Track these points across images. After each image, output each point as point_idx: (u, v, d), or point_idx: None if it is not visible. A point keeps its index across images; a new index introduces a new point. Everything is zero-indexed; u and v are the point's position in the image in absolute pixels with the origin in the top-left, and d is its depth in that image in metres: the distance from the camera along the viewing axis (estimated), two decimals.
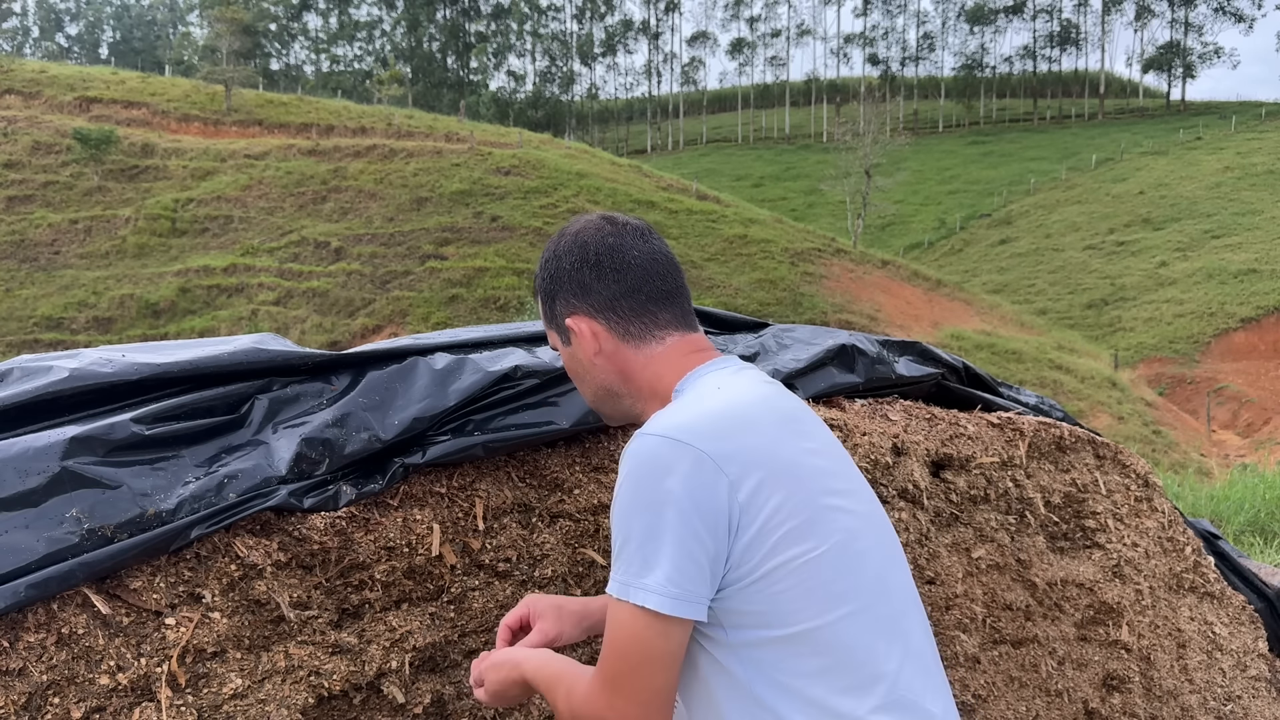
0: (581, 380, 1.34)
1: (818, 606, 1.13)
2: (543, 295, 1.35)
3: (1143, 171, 51.51)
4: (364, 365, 1.65)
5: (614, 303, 1.28)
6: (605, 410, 1.36)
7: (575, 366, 1.34)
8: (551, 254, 1.32)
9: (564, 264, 1.30)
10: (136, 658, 1.29)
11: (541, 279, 1.34)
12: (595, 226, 1.31)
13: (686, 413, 1.19)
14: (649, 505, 1.11)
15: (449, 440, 1.61)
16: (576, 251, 1.30)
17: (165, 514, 1.34)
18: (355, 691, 1.48)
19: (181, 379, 1.49)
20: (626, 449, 1.18)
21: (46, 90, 40.15)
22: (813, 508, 1.16)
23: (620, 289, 1.28)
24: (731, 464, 1.12)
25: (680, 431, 1.14)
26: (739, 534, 1.12)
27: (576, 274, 1.29)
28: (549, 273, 1.32)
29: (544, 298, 1.34)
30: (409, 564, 1.56)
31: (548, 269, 1.33)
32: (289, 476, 1.47)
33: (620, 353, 1.28)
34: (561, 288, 1.31)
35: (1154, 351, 33.12)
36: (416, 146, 36.24)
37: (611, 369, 1.29)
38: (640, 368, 1.28)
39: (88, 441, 1.33)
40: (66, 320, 29.43)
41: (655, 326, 1.28)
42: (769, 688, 1.13)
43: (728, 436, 1.15)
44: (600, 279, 1.28)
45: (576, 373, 1.34)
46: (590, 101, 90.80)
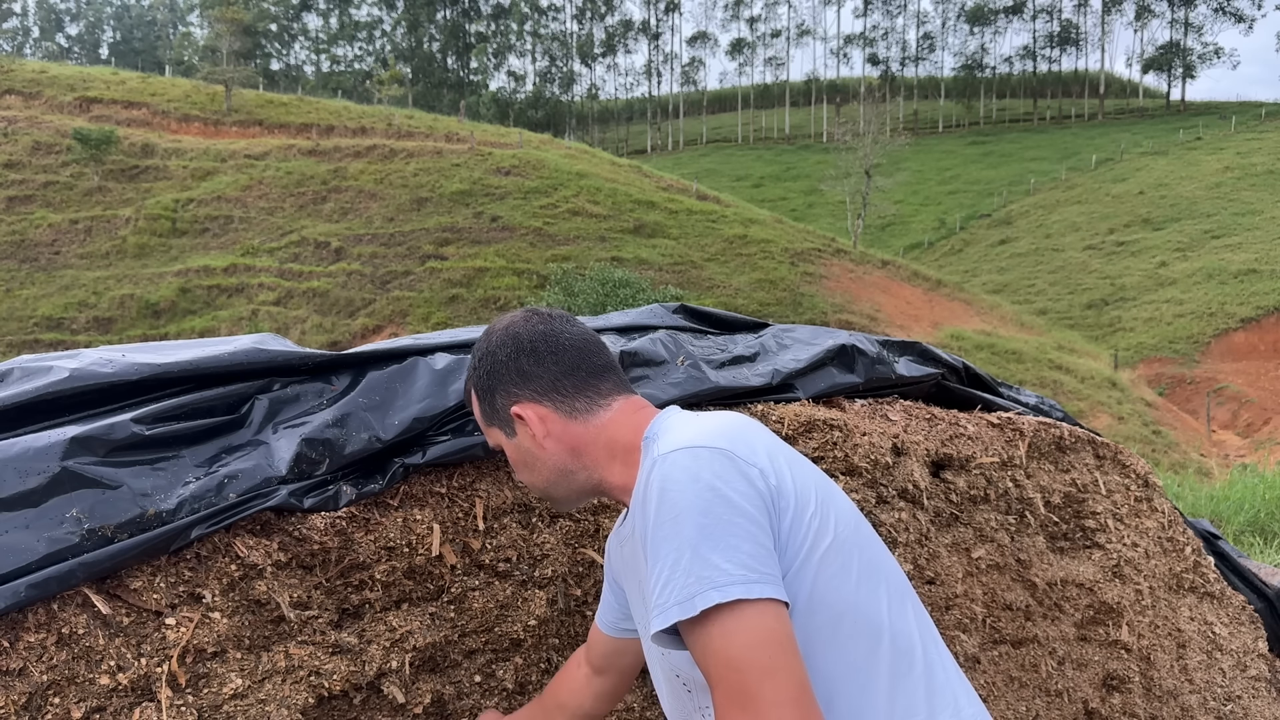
0: (531, 469, 1.32)
1: (863, 587, 1.15)
2: (479, 393, 1.33)
3: (1143, 172, 51.52)
4: (364, 365, 1.65)
5: (556, 383, 1.28)
6: (558, 494, 1.34)
7: (523, 457, 1.32)
8: (484, 351, 1.32)
9: (499, 357, 1.31)
10: (137, 658, 1.29)
11: (478, 377, 1.33)
12: (523, 318, 1.33)
13: (689, 429, 1.18)
14: (697, 508, 1.08)
15: (449, 440, 1.61)
16: (511, 343, 1.30)
17: (165, 514, 1.34)
18: (355, 691, 1.48)
19: (181, 379, 1.49)
20: (646, 480, 1.15)
21: (47, 90, 40.15)
22: (823, 495, 1.19)
23: (559, 370, 1.29)
24: (755, 456, 1.14)
25: (695, 441, 1.14)
26: (781, 517, 1.12)
27: (514, 363, 1.29)
28: (485, 369, 1.32)
29: (481, 395, 1.33)
30: (409, 564, 1.56)
31: (483, 366, 1.32)
32: (289, 476, 1.47)
33: (569, 430, 1.28)
34: (500, 381, 1.31)
35: (1154, 351, 33.12)
36: (416, 146, 36.25)
37: (562, 449, 1.29)
38: (592, 439, 1.28)
39: (88, 441, 1.34)
40: (67, 320, 29.44)
41: (599, 396, 1.29)
42: (813, 672, 1.11)
43: (739, 437, 1.16)
44: (539, 364, 1.29)
45: (525, 463, 1.32)
46: (590, 102, 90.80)
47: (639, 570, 1.23)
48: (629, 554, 1.31)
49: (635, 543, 1.22)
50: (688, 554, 1.06)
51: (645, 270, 28.28)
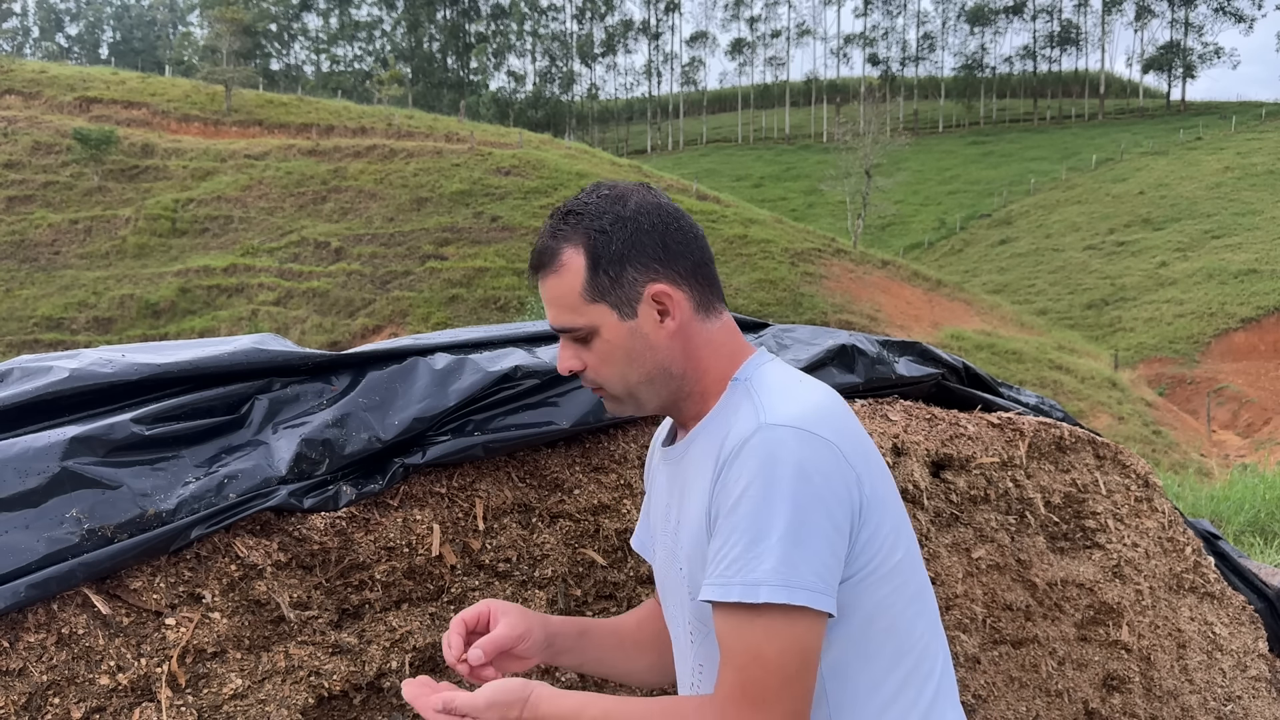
0: (635, 361, 1.17)
1: (908, 608, 1.15)
2: (603, 260, 1.14)
3: (1143, 172, 51.54)
4: (364, 365, 1.65)
5: (695, 271, 1.17)
6: (645, 396, 1.20)
7: (632, 345, 1.16)
8: (616, 216, 1.15)
9: (642, 225, 1.15)
10: (136, 658, 1.29)
11: (604, 241, 1.14)
12: (653, 191, 1.19)
13: (797, 399, 1.12)
14: (793, 500, 1.04)
15: (449, 440, 1.61)
16: (655, 213, 1.16)
17: (165, 514, 1.34)
18: (355, 691, 1.48)
19: (181, 379, 1.49)
20: (748, 440, 1.08)
21: (46, 90, 40.17)
22: (898, 507, 1.18)
23: (699, 257, 1.18)
24: (855, 459, 1.11)
25: (809, 423, 1.08)
26: (862, 528, 1.10)
27: (661, 236, 1.15)
28: (622, 235, 1.14)
29: (602, 263, 1.15)
30: (409, 564, 1.56)
31: (616, 231, 1.14)
32: (289, 477, 1.47)
33: (693, 327, 1.17)
34: (639, 252, 1.15)
35: (1154, 352, 33.13)
36: (416, 146, 36.26)
37: (678, 346, 1.17)
38: (703, 345, 1.19)
39: (88, 441, 1.33)
40: (66, 320, 29.44)
41: (718, 300, 1.20)
42: (841, 683, 1.11)
43: (843, 431, 1.12)
44: (685, 245, 1.17)
45: (631, 352, 1.16)
46: (590, 101, 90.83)
47: (685, 497, 1.19)
48: (674, 475, 1.24)
49: (691, 474, 1.17)
50: (771, 542, 1.03)
51: None
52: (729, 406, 1.17)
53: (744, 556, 1.03)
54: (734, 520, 1.06)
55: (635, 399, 1.21)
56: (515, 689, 1.10)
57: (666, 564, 1.25)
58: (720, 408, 1.18)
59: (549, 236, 1.17)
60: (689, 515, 1.17)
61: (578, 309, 1.16)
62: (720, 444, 1.12)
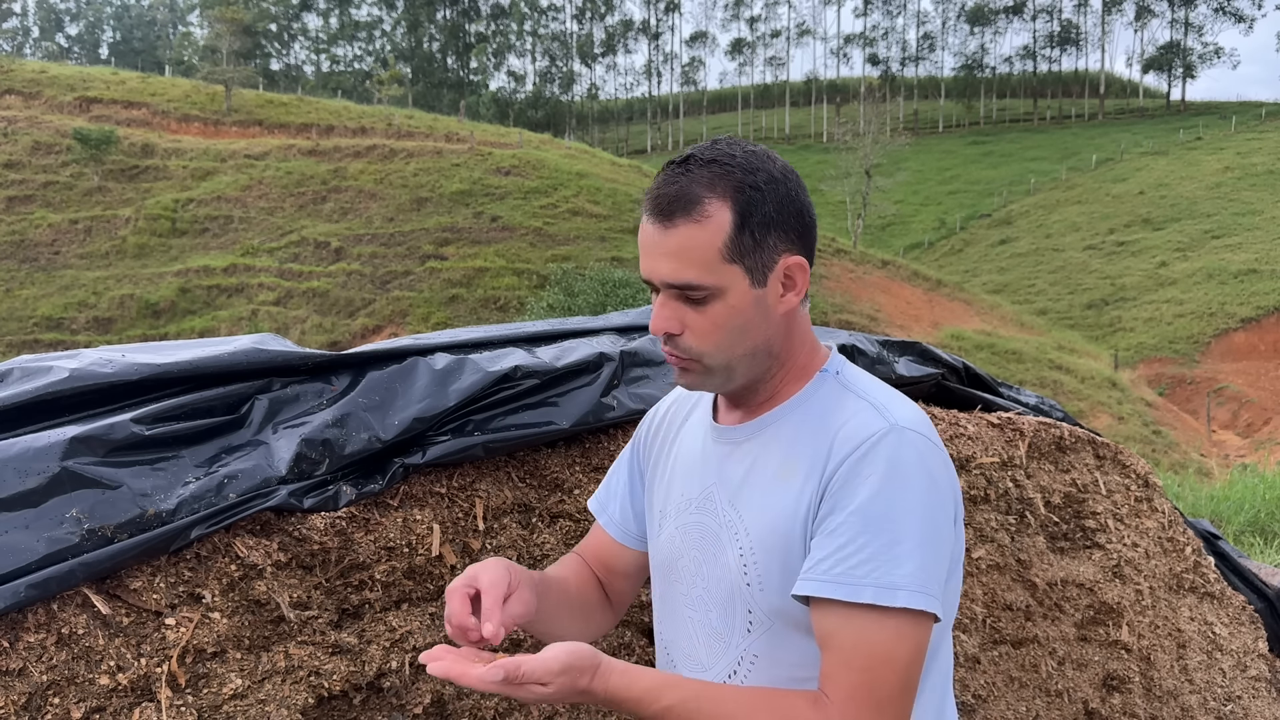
0: (745, 333, 1.10)
1: (952, 606, 1.17)
2: (756, 222, 1.08)
3: (1143, 172, 51.54)
4: (364, 365, 1.65)
5: (812, 251, 1.14)
6: (740, 371, 1.13)
7: (748, 316, 1.10)
8: (769, 175, 1.09)
9: (791, 192, 1.10)
10: (136, 658, 1.29)
11: (759, 200, 1.08)
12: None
13: (913, 409, 1.11)
14: (926, 507, 1.04)
15: (449, 440, 1.61)
16: (798, 181, 1.11)
17: (165, 514, 1.34)
18: (355, 691, 1.47)
19: (181, 379, 1.49)
20: (878, 439, 1.05)
21: (46, 90, 40.16)
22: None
23: (814, 236, 1.15)
24: (952, 467, 1.12)
25: (928, 430, 1.09)
26: (958, 536, 1.12)
27: (802, 207, 1.11)
28: (776, 197, 1.09)
29: (758, 225, 1.08)
30: (409, 564, 1.56)
31: (771, 191, 1.08)
32: (289, 477, 1.47)
33: (798, 308, 1.15)
34: (784, 220, 1.09)
35: (1154, 352, 33.14)
36: (416, 146, 36.26)
37: (784, 326, 1.13)
38: (797, 328, 1.15)
39: (88, 441, 1.33)
40: (66, 320, 29.44)
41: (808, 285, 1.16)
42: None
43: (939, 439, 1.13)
44: (814, 220, 1.14)
45: (744, 324, 1.10)
46: (590, 101, 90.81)
47: (760, 482, 1.13)
48: (734, 455, 1.17)
49: (773, 459, 1.12)
50: (909, 546, 1.01)
51: None
52: (826, 398, 1.14)
53: (878, 558, 1.01)
54: (864, 520, 1.03)
55: (729, 373, 1.13)
56: (586, 655, 1.02)
57: (695, 544, 1.18)
58: (811, 397, 1.14)
59: (689, 182, 1.07)
60: (771, 502, 1.11)
61: (710, 266, 1.07)
62: (831, 436, 1.08)
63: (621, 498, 1.35)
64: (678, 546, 1.22)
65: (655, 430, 1.34)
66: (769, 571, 1.10)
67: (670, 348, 1.12)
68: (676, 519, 1.22)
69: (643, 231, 1.12)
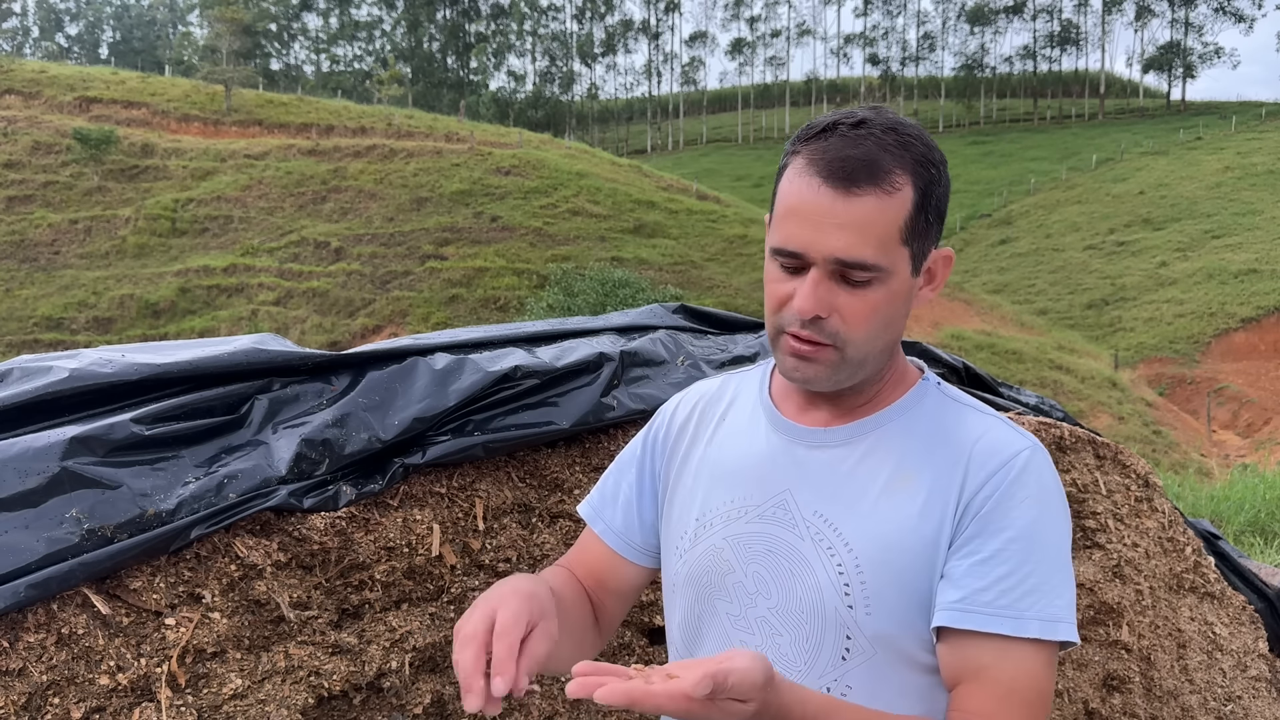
0: (894, 323, 1.01)
1: None
2: (932, 206, 1.00)
3: (1143, 171, 51.55)
4: (364, 365, 1.65)
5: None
6: (870, 368, 1.03)
7: (903, 305, 1.01)
8: (942, 158, 1.02)
9: (947, 178, 1.04)
10: (136, 658, 1.29)
11: (939, 184, 1.00)
12: None
13: (1011, 425, 1.05)
14: (1067, 533, 1.00)
15: (449, 440, 1.61)
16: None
17: (165, 514, 1.34)
18: (355, 692, 1.47)
19: (181, 379, 1.49)
20: (1026, 461, 0.99)
21: (46, 90, 40.17)
22: None
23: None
24: None
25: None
26: None
27: (948, 194, 1.04)
28: (945, 181, 1.02)
29: (932, 210, 1.00)
30: (409, 564, 1.56)
31: (943, 175, 1.02)
32: (289, 477, 1.47)
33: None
34: (944, 210, 1.02)
35: (1154, 351, 33.13)
36: (416, 146, 36.26)
37: (906, 320, 1.05)
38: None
39: (88, 442, 1.33)
40: (66, 320, 29.44)
41: None
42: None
43: None
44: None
45: (898, 313, 1.01)
46: (590, 101, 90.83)
47: (871, 494, 1.02)
48: (831, 462, 1.05)
49: (886, 469, 1.02)
50: (1064, 576, 0.96)
51: (645, 270, 28.28)
52: (934, 408, 1.06)
53: (1040, 589, 0.95)
54: (1027, 548, 0.96)
55: (860, 366, 1.02)
56: (765, 663, 0.87)
57: (759, 558, 1.05)
58: (916, 405, 1.06)
59: (876, 147, 0.96)
60: (885, 516, 1.00)
61: (887, 246, 0.96)
62: (963, 451, 1.00)
63: (626, 504, 1.21)
64: (727, 560, 1.08)
65: (678, 431, 1.20)
66: (880, 594, 0.99)
67: (811, 331, 0.98)
68: (725, 529, 1.09)
69: (803, 196, 0.96)
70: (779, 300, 1.01)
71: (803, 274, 0.99)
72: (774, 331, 1.03)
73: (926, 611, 0.99)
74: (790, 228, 0.98)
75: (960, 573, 0.97)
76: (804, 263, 0.98)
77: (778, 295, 1.01)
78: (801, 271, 0.99)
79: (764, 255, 1.07)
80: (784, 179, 1.01)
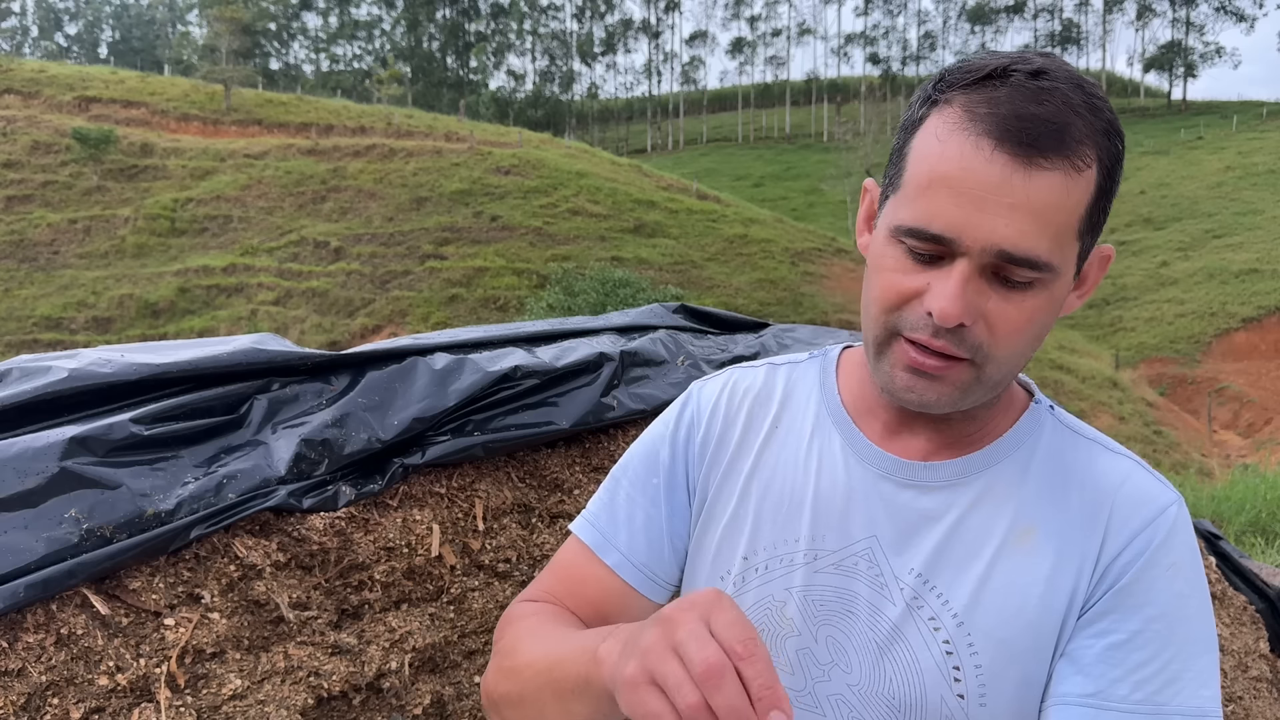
0: (1041, 336, 0.80)
1: None
2: (1109, 195, 0.78)
3: (1144, 171, 51.55)
4: (363, 365, 1.65)
5: None
6: (1003, 386, 0.82)
7: (1052, 316, 0.80)
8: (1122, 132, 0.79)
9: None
10: (135, 658, 1.28)
11: (1119, 167, 0.78)
12: None
13: (1140, 463, 0.86)
14: (1209, 603, 0.81)
15: (449, 440, 1.61)
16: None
17: (164, 514, 1.34)
18: (355, 692, 1.47)
19: (180, 379, 1.49)
20: (1174, 519, 0.81)
21: (45, 90, 40.15)
22: None
23: None
24: None
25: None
26: None
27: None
28: (1122, 164, 0.80)
29: (1108, 198, 0.78)
30: (409, 564, 1.55)
31: (1123, 155, 0.79)
32: (288, 477, 1.46)
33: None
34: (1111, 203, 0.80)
35: (1155, 351, 33.13)
36: (416, 146, 36.25)
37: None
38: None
39: (87, 442, 1.33)
40: (65, 320, 29.43)
41: None
42: None
43: None
44: None
45: (1046, 327, 0.80)
46: (590, 101, 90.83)
47: (986, 553, 0.81)
48: (931, 507, 0.84)
49: (1002, 518, 0.82)
50: (1211, 658, 0.78)
51: (645, 270, 28.28)
52: (1054, 441, 0.86)
53: (1183, 678, 0.77)
54: (1170, 628, 0.77)
55: (995, 388, 0.81)
56: None
57: (835, 619, 0.85)
58: (1032, 436, 0.86)
59: (1065, 108, 0.73)
60: (1007, 582, 0.81)
61: (1063, 239, 0.75)
62: (1105, 500, 0.81)
63: (651, 528, 0.95)
64: (790, 619, 0.86)
65: (720, 432, 0.95)
66: (999, 683, 0.79)
67: (946, 341, 0.76)
68: (786, 577, 0.87)
69: (965, 161, 0.73)
70: (901, 295, 0.77)
71: (942, 265, 0.76)
72: (884, 334, 0.79)
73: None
74: (939, 202, 0.74)
75: (1092, 657, 0.78)
76: (950, 251, 0.75)
77: (900, 289, 0.77)
78: (941, 262, 0.76)
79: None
80: (925, 134, 0.77)
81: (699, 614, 0.61)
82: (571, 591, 0.95)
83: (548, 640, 0.84)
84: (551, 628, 0.87)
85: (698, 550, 0.94)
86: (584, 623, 0.92)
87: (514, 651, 0.87)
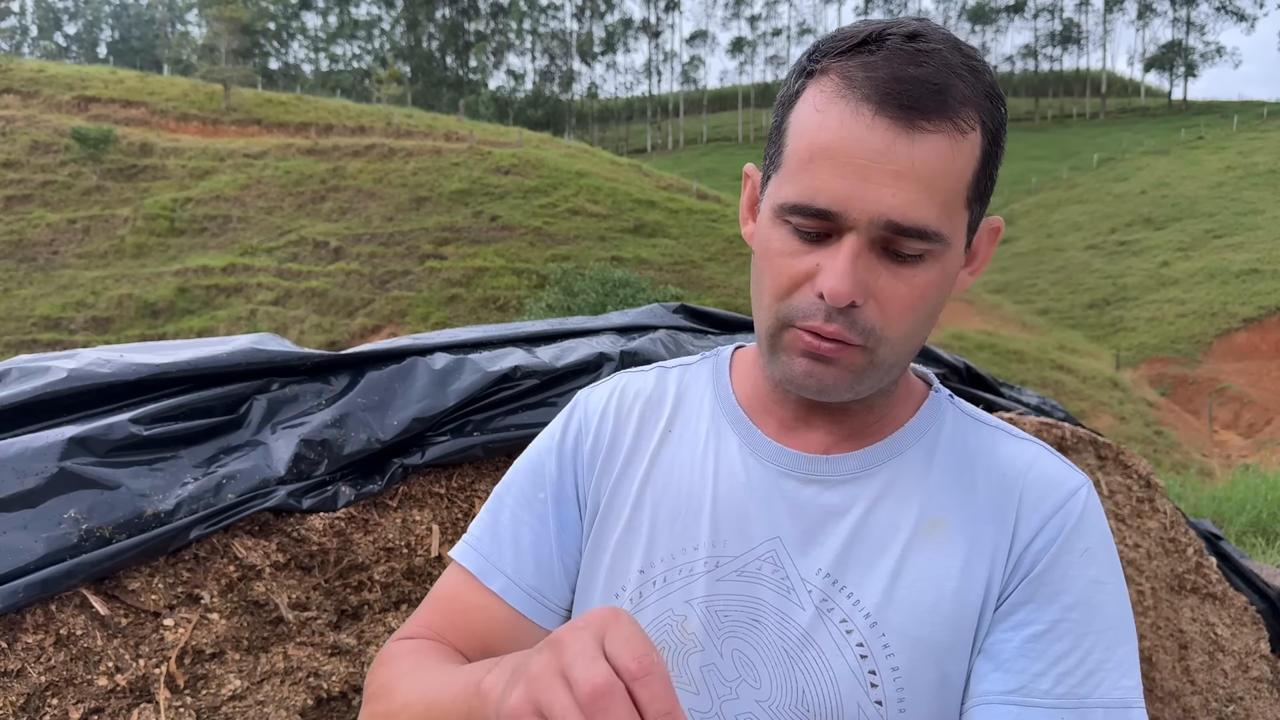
0: (932, 318, 0.77)
1: None
2: (995, 160, 0.77)
3: (1144, 171, 51.57)
4: (363, 365, 1.65)
5: None
6: (899, 369, 0.78)
7: (944, 293, 0.76)
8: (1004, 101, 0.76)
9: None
10: (135, 659, 1.28)
11: (1002, 132, 0.78)
12: None
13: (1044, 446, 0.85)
14: (1125, 586, 0.78)
15: (448, 440, 1.61)
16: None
17: (164, 514, 1.34)
18: (354, 693, 1.47)
19: (180, 379, 1.49)
20: (1085, 504, 0.77)
21: (45, 89, 40.16)
22: None
23: None
24: None
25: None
26: None
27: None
28: (1005, 130, 0.78)
29: (995, 165, 0.78)
30: (408, 565, 1.55)
31: (1006, 121, 0.78)
32: (288, 477, 1.46)
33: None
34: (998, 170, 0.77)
35: (1156, 351, 33.14)
36: (416, 146, 36.26)
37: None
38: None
39: (86, 442, 1.33)
40: (65, 320, 29.44)
41: None
42: None
43: None
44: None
45: (938, 305, 0.76)
46: (590, 100, 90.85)
47: (895, 549, 0.77)
48: (836, 503, 0.79)
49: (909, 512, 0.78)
50: (1131, 648, 0.75)
51: (645, 270, 28.28)
52: (956, 429, 0.83)
53: (1104, 668, 0.74)
54: (1088, 616, 0.74)
55: (889, 371, 0.77)
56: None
57: (742, 631, 0.79)
58: (934, 424, 0.83)
59: (945, 69, 0.70)
60: (919, 577, 0.77)
61: (952, 207, 0.72)
62: (1014, 487, 0.78)
63: (539, 549, 0.87)
64: (692, 633, 0.80)
65: (610, 438, 0.90)
66: (918, 685, 0.75)
67: (839, 325, 0.72)
68: (686, 588, 0.81)
69: (844, 130, 0.69)
70: (792, 279, 0.73)
71: (829, 243, 0.72)
72: (776, 325, 0.75)
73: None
74: (822, 175, 0.70)
75: (1011, 651, 0.74)
76: (837, 226, 0.71)
77: (791, 273, 0.73)
78: (829, 240, 0.72)
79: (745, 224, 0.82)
80: (803, 107, 0.73)
81: (592, 633, 0.55)
82: (453, 624, 0.86)
83: (426, 679, 0.76)
84: (431, 665, 0.79)
85: (590, 567, 0.87)
86: (467, 658, 0.83)
87: (388, 694, 0.79)
